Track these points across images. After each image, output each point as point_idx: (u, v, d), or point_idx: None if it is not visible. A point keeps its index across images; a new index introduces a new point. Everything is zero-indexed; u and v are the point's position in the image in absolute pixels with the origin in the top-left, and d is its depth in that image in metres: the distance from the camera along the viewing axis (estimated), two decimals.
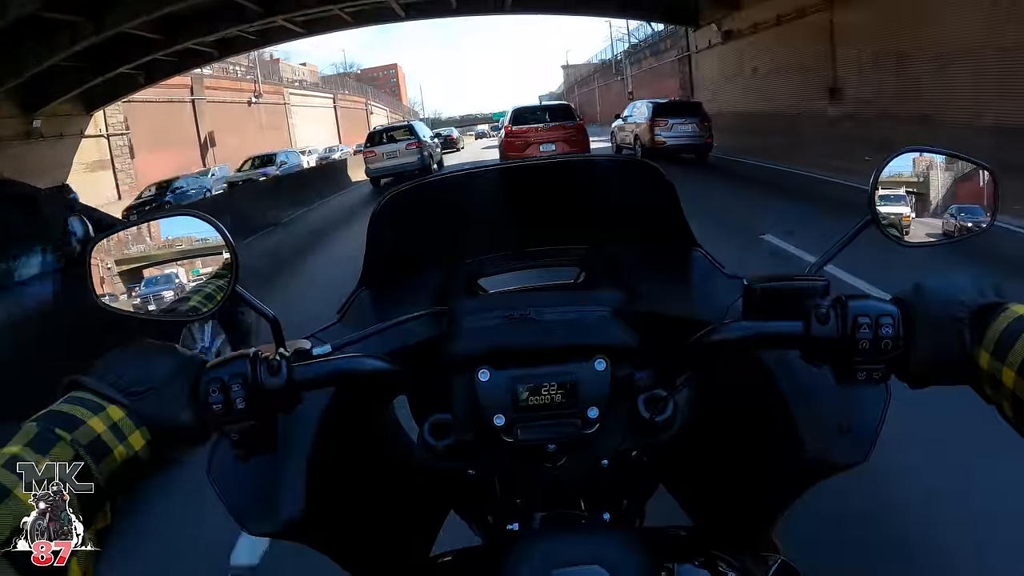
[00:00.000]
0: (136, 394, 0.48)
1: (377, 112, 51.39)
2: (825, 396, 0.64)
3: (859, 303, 0.51)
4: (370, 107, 47.96)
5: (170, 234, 0.62)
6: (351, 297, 0.80)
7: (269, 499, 0.62)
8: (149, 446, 0.48)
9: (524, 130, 10.77)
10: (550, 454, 0.60)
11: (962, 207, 0.67)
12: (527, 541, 0.55)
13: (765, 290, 0.55)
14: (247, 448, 0.54)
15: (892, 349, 0.50)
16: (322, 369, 0.57)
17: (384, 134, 14.59)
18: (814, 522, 1.20)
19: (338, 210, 11.04)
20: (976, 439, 1.49)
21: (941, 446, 1.97)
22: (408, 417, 0.78)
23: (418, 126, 15.63)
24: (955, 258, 1.53)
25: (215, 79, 25.23)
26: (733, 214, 6.22)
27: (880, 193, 0.63)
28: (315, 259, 6.84)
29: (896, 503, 1.79)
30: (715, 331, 0.56)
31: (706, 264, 0.79)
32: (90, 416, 0.45)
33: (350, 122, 41.42)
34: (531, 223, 0.92)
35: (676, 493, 0.86)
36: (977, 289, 0.49)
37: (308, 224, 9.64)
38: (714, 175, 10.05)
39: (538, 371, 0.58)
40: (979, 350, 0.47)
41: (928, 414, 1.44)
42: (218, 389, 0.51)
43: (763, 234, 5.29)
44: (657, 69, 25.75)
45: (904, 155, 0.65)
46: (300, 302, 4.31)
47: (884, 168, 0.62)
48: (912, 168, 0.68)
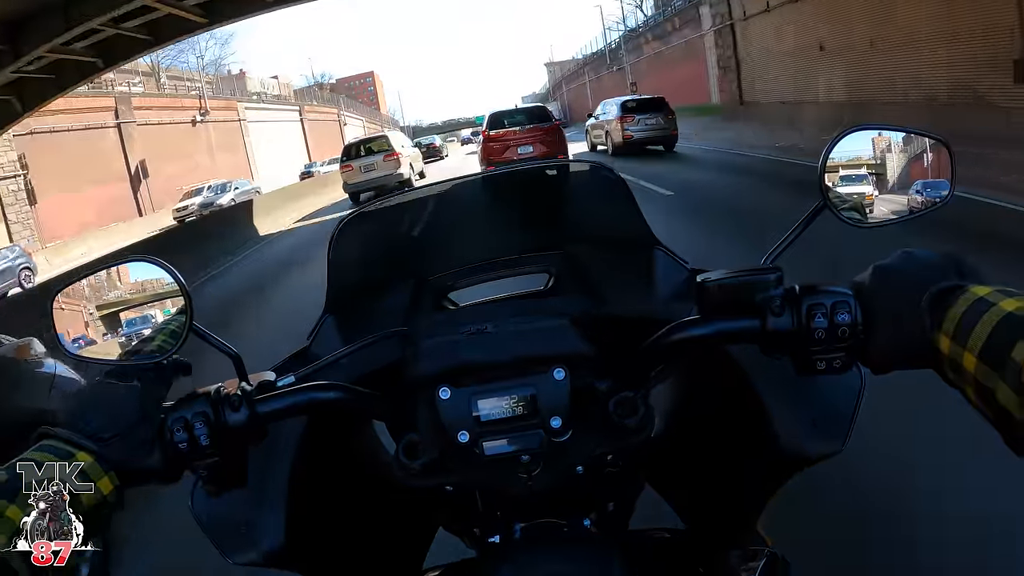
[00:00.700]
0: (103, 440, 0.52)
1: (352, 123, 50.16)
2: (798, 388, 0.67)
3: (814, 292, 0.53)
4: (343, 118, 46.69)
5: (125, 280, 0.66)
6: (318, 323, 0.83)
7: (250, 529, 0.66)
8: (117, 491, 0.52)
9: (501, 134, 11.33)
10: (524, 464, 0.62)
11: (924, 182, 0.68)
12: (505, 554, 0.59)
13: (716, 286, 0.56)
14: (217, 483, 0.57)
15: (850, 336, 0.51)
16: (284, 403, 0.60)
17: (360, 147, 14.44)
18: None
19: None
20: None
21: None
22: (388, 436, 0.82)
23: (395, 136, 15.54)
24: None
25: (148, 98, 23.64)
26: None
27: (841, 174, 0.66)
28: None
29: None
30: (671, 332, 0.59)
31: (669, 261, 0.82)
32: (59, 463, 0.49)
33: (321, 135, 39.83)
34: (496, 234, 0.97)
35: (665, 494, 0.89)
36: (937, 269, 0.49)
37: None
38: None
39: (496, 386, 0.60)
40: (939, 335, 0.47)
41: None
42: (182, 428, 0.55)
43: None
44: (665, 55, 24.43)
45: (855, 133, 0.66)
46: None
47: (832, 148, 0.64)
48: (868, 147, 0.69)
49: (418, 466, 0.64)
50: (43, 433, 0.51)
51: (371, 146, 14.18)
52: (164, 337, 0.63)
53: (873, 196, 0.67)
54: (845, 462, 0.67)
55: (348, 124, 46.84)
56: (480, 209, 0.99)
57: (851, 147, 0.66)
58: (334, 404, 0.61)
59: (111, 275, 0.66)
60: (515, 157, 10.36)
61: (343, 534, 0.76)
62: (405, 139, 17.16)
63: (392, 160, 13.59)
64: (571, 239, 0.92)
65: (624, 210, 0.86)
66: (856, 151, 0.66)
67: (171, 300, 0.64)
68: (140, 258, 0.64)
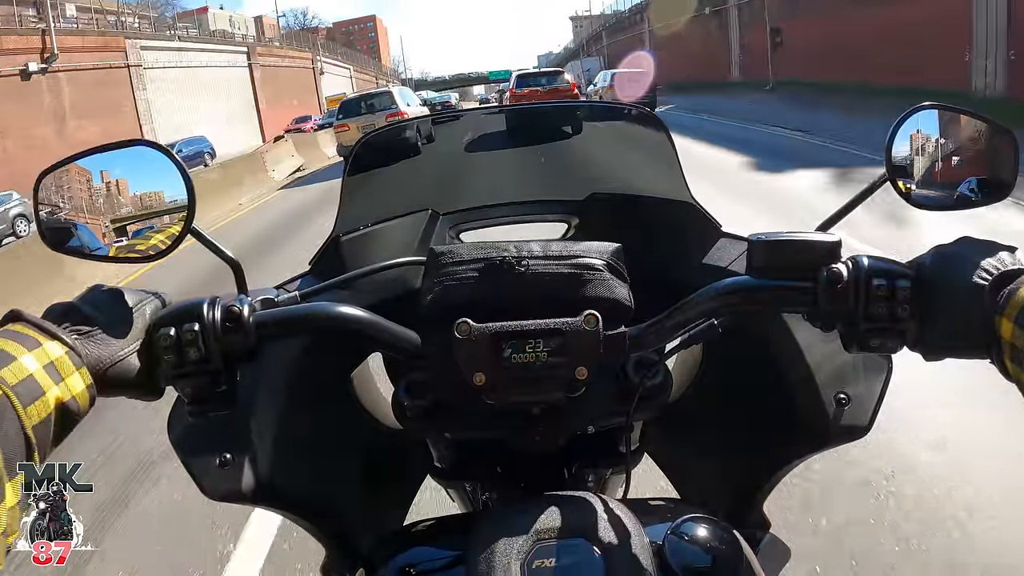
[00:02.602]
0: (80, 333, 0.46)
1: (334, 73, 41.80)
2: (825, 367, 0.65)
3: (875, 264, 0.51)
4: (320, 65, 38.68)
5: (121, 168, 0.59)
6: (324, 246, 0.78)
7: (231, 461, 0.62)
8: (88, 391, 0.45)
9: (525, 92, 14.01)
10: (534, 418, 0.58)
11: (988, 171, 0.66)
12: (507, 510, 0.55)
13: (770, 244, 0.53)
14: (201, 404, 0.52)
15: (909, 317, 0.49)
16: (287, 315, 0.55)
17: (361, 103, 13.25)
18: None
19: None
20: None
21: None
22: (383, 376, 0.78)
23: (401, 92, 14.07)
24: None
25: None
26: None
27: (907, 151, 0.64)
28: None
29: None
30: (715, 289, 0.55)
31: (702, 221, 0.78)
32: (23, 352, 0.42)
33: (282, 89, 31.42)
34: (518, 174, 0.93)
35: (663, 463, 0.87)
36: (999, 255, 0.49)
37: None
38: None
39: (522, 326, 0.54)
40: (1001, 320, 0.45)
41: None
42: (170, 336, 0.49)
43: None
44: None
45: (924, 112, 0.65)
46: None
47: (903, 124, 0.63)
48: (933, 127, 0.66)
49: (419, 408, 0.61)
50: (12, 316, 0.45)
51: (372, 103, 12.88)
52: (160, 237, 0.58)
53: (934, 177, 0.65)
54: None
55: (325, 73, 38.86)
56: (503, 146, 0.95)
57: (921, 125, 0.64)
58: (341, 325, 0.56)
59: (101, 163, 0.59)
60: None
61: (325, 476, 0.74)
62: (412, 96, 15.44)
63: (396, 119, 12.24)
64: (597, 188, 0.87)
65: (660, 161, 0.82)
66: (926, 130, 0.65)
67: (170, 197, 0.59)
68: (142, 142, 0.58)
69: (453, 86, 56.53)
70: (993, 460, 1.99)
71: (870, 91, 12.78)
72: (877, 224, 3.66)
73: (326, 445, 0.75)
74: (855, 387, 0.64)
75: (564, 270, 0.58)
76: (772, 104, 15.58)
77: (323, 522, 0.70)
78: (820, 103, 13.72)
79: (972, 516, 1.75)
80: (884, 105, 7.33)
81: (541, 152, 0.93)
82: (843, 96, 13.72)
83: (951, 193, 0.64)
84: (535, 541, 0.49)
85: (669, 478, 0.87)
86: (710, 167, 7.83)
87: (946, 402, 2.27)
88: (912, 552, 1.66)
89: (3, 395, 0.39)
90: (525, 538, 0.49)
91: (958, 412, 2.23)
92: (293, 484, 0.67)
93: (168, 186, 0.58)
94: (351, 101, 13.42)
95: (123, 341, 0.48)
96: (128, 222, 0.58)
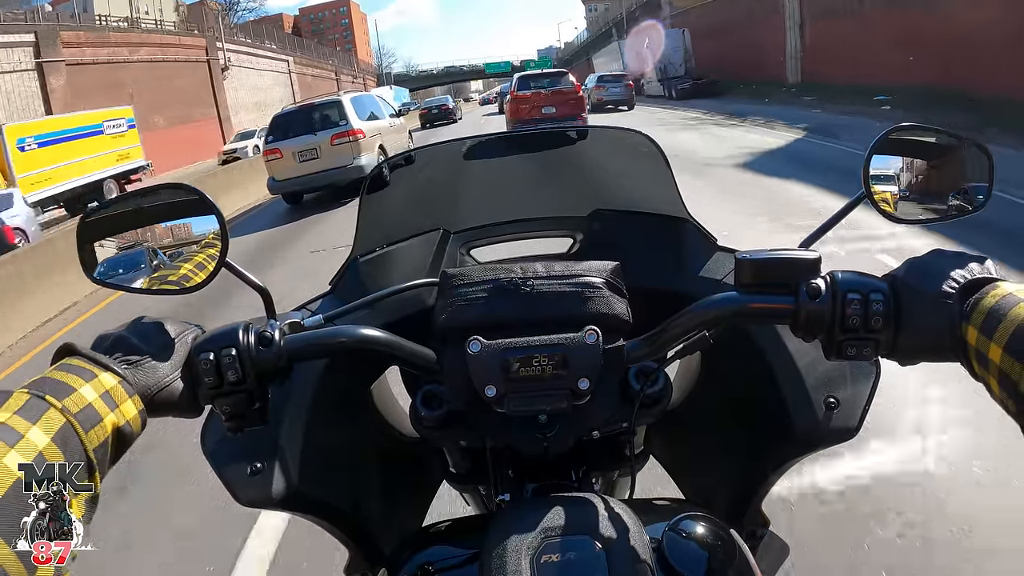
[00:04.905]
0: (130, 363, 0.52)
1: (258, 68, 26.46)
2: (815, 372, 0.69)
3: (850, 279, 0.54)
4: (228, 59, 23.81)
5: (156, 206, 0.64)
6: (343, 268, 0.83)
7: (261, 470, 0.67)
8: (140, 416, 0.50)
9: (528, 95, 12.92)
10: (542, 425, 0.63)
11: (963, 186, 0.69)
12: (518, 511, 0.59)
13: (755, 262, 0.57)
14: (238, 420, 0.57)
15: (882, 326, 0.53)
16: (314, 339, 0.60)
17: (297, 119, 9.37)
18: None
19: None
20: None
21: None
22: (400, 388, 0.84)
23: (356, 101, 9.77)
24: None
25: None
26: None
27: (884, 170, 0.67)
28: None
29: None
30: (705, 303, 0.59)
31: (698, 237, 0.82)
32: (82, 384, 0.47)
33: (89, 88, 17.84)
34: (523, 193, 0.98)
35: (669, 468, 0.91)
36: (968, 266, 0.52)
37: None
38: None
39: (528, 342, 0.60)
40: (967, 326, 0.49)
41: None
42: (210, 360, 0.55)
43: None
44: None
45: (899, 132, 0.68)
46: None
47: (878, 144, 0.66)
48: (909, 146, 0.70)
49: (435, 417, 0.66)
50: (67, 350, 0.50)
51: (313, 118, 9.19)
52: (191, 267, 0.63)
53: (911, 194, 0.68)
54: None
55: (244, 69, 24.98)
56: (509, 167, 1.00)
57: (897, 144, 0.68)
58: (364, 345, 0.60)
59: (142, 203, 0.64)
60: (539, 116, 12.26)
61: (350, 482, 0.78)
62: (380, 101, 11.08)
63: (346, 142, 8.81)
64: (600, 204, 0.91)
65: (658, 179, 0.86)
66: (901, 149, 0.68)
67: (205, 233, 0.64)
68: (175, 186, 0.63)
69: (443, 82, 49.83)
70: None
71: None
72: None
73: (349, 454, 0.80)
74: (844, 391, 0.69)
75: (566, 289, 0.63)
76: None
77: (346, 525, 0.76)
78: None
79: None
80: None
81: (545, 170, 1.00)
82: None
83: (928, 208, 0.68)
84: (543, 538, 0.53)
85: (673, 479, 0.92)
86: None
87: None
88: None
89: (68, 423, 0.43)
90: (534, 535, 0.53)
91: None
92: (318, 491, 0.72)
93: (197, 223, 0.64)
94: (284, 117, 9.51)
95: (167, 367, 0.54)
96: (163, 255, 0.64)
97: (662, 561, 0.53)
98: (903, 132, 0.67)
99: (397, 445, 0.86)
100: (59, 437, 0.42)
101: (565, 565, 0.51)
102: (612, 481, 0.85)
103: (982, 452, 2.05)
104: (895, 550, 1.71)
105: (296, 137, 8.95)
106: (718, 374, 0.82)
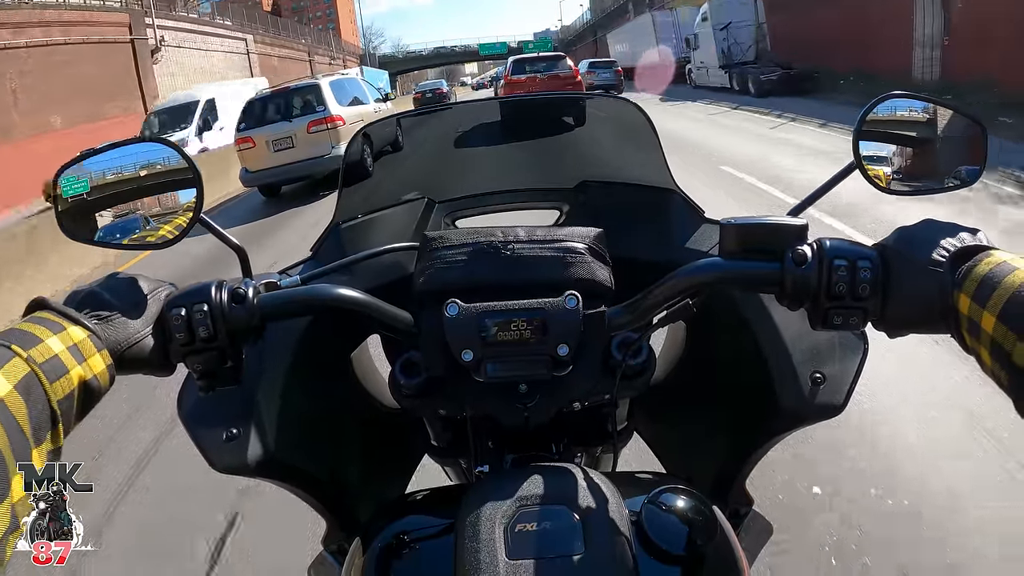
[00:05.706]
0: (100, 318, 0.51)
1: (206, 48, 22.15)
2: (802, 346, 0.69)
3: (838, 245, 0.54)
4: (156, 36, 18.91)
5: (137, 162, 0.64)
6: (325, 233, 0.83)
7: (237, 436, 0.66)
8: (108, 371, 0.50)
9: (523, 79, 13.08)
10: (522, 394, 0.62)
11: (957, 159, 0.68)
12: (495, 480, 0.59)
13: (741, 228, 0.56)
14: (210, 379, 0.57)
15: (870, 294, 0.52)
16: (288, 297, 0.59)
17: (270, 105, 8.68)
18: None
19: None
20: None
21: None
22: (382, 361, 0.82)
23: (336, 85, 9.03)
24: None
25: None
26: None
27: (874, 140, 0.66)
28: None
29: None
30: (688, 268, 0.58)
31: (684, 208, 0.82)
32: (49, 335, 0.46)
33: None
34: (511, 164, 0.98)
35: (651, 442, 0.91)
36: (960, 235, 0.51)
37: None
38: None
39: (506, 306, 0.59)
40: (959, 295, 0.48)
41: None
42: (181, 317, 0.54)
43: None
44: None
45: (891, 101, 0.67)
46: None
47: (869, 113, 0.65)
48: (905, 115, 0.69)
49: (414, 385, 0.65)
50: (38, 304, 0.50)
51: (289, 104, 8.55)
52: (169, 227, 0.63)
53: (903, 164, 0.67)
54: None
55: (181, 49, 20.10)
56: (497, 136, 0.99)
57: (888, 114, 0.67)
58: (338, 305, 0.60)
59: (119, 158, 0.64)
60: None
61: (327, 451, 0.78)
62: (364, 85, 10.47)
63: (324, 129, 8.18)
64: (587, 176, 0.91)
65: (646, 150, 0.86)
66: (893, 118, 0.67)
67: (180, 189, 0.64)
68: (151, 139, 0.63)
69: (433, 64, 47.63)
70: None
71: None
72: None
73: (327, 422, 0.80)
74: (831, 367, 0.68)
75: (548, 253, 0.62)
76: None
77: (323, 495, 0.75)
78: None
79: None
80: None
81: (534, 140, 1.00)
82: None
83: (920, 179, 0.67)
84: (519, 507, 0.53)
85: (657, 456, 0.92)
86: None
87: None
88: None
89: (32, 372, 0.43)
90: (509, 504, 0.53)
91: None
92: (295, 458, 0.71)
93: (184, 194, 0.64)
94: (256, 104, 8.81)
95: (139, 323, 0.53)
96: (140, 211, 0.64)
97: (640, 533, 0.53)
98: (896, 99, 0.66)
99: (377, 416, 0.87)
100: (22, 386, 0.42)
101: (540, 534, 0.51)
102: (596, 457, 0.86)
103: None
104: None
105: (270, 124, 8.34)
106: (703, 349, 0.82)
